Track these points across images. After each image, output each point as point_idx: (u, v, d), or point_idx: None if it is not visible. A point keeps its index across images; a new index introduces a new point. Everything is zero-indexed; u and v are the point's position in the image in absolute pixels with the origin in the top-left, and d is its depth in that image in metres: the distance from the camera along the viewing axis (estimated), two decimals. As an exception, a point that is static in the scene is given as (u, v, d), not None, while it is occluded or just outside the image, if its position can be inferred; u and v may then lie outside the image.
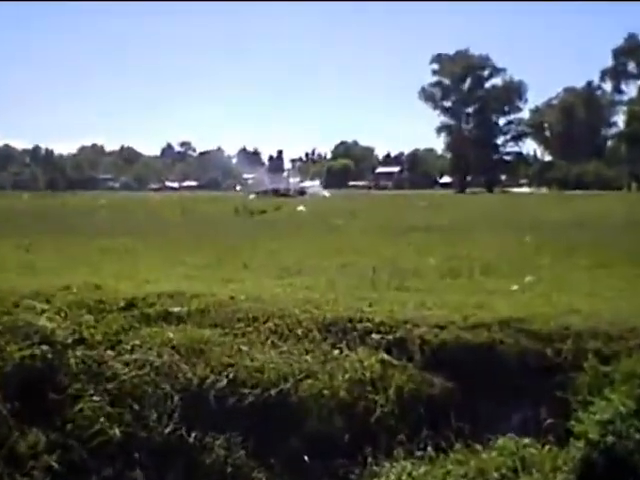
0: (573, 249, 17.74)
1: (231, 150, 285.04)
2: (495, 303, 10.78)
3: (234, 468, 8.85)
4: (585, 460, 7.79)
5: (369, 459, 8.47)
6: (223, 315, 10.57)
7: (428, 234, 23.34)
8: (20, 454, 9.04)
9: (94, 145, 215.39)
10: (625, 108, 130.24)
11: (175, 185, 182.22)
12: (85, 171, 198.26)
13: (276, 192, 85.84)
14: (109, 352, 9.92)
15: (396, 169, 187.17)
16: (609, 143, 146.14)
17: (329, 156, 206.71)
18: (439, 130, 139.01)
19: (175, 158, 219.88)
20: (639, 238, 20.17)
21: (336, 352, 9.73)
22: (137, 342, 10.05)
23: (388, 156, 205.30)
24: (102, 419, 9.18)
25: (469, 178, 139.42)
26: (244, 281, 12.91)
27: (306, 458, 8.68)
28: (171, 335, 10.08)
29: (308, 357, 9.65)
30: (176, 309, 10.72)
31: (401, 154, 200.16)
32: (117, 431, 9.10)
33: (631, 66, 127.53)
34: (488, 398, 9.10)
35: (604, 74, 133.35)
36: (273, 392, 9.22)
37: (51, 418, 9.35)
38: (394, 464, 8.31)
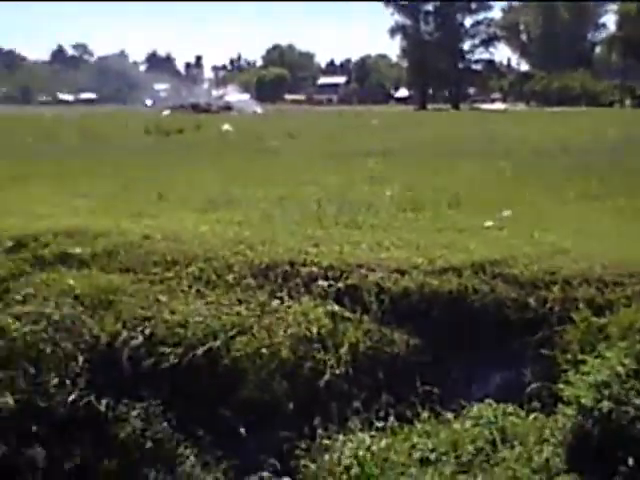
0: (557, 178, 17.94)
1: (138, 56, 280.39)
2: (466, 243, 10.87)
3: (154, 443, 8.81)
4: (576, 430, 7.82)
5: (319, 430, 8.48)
6: (135, 258, 10.50)
7: (383, 159, 23.32)
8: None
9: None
10: (616, 7, 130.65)
11: (69, 98, 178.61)
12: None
13: (195, 107, 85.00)
14: (-5, 303, 9.77)
15: (342, 80, 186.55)
16: (597, 50, 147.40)
17: (259, 63, 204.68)
18: (392, 32, 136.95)
19: (68, 65, 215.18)
20: (635, 164, 20.45)
21: (275, 303, 9.74)
22: (30, 291, 9.94)
23: (332, 64, 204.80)
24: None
25: (430, 92, 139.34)
26: (159, 216, 12.81)
27: (242, 430, 8.69)
28: (72, 282, 9.97)
29: (241, 309, 9.64)
30: (77, 250, 10.61)
31: (348, 62, 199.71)
32: (9, 400, 8.97)
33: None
34: (460, 358, 9.21)
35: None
36: (199, 351, 9.17)
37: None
38: (349, 437, 8.34)
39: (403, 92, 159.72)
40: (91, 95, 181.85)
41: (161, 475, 8.69)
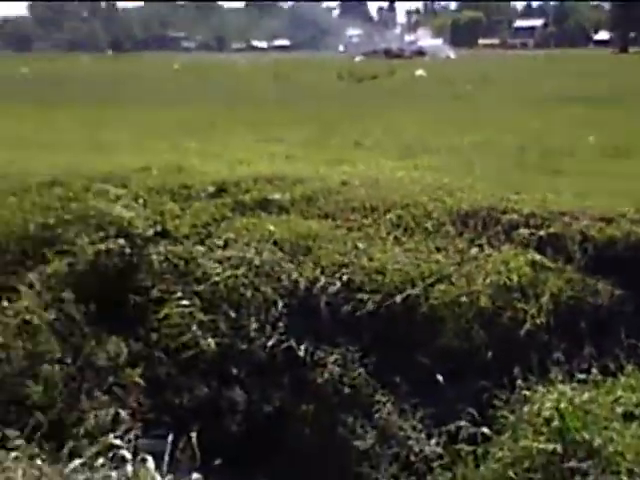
0: None
1: (331, 1, 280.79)
2: (678, 191, 10.38)
3: (352, 389, 8.89)
4: None
5: (518, 381, 8.30)
6: (334, 204, 10.55)
7: (585, 105, 22.59)
8: (98, 367, 9.29)
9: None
10: None
11: (263, 45, 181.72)
12: (154, 28, 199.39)
13: (388, 53, 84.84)
14: (198, 247, 10.04)
15: (539, 22, 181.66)
16: None
17: (453, 7, 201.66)
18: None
19: (262, 11, 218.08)
20: None
21: (475, 250, 9.58)
22: (231, 236, 10.15)
23: (529, 6, 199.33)
24: (193, 328, 9.29)
25: (632, 35, 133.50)
26: (357, 162, 12.82)
27: (439, 378, 8.65)
28: (272, 228, 10.12)
29: (440, 256, 9.54)
30: (277, 196, 10.76)
31: (545, 3, 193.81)
32: (211, 342, 9.21)
33: None
34: (671, 309, 8.84)
35: None
36: (397, 299, 9.13)
37: (133, 326, 9.56)
38: (550, 388, 8.14)
39: (603, 35, 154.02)
40: (284, 42, 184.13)
41: (358, 421, 8.76)
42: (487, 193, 10.46)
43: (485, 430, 8.00)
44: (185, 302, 9.50)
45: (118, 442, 5.67)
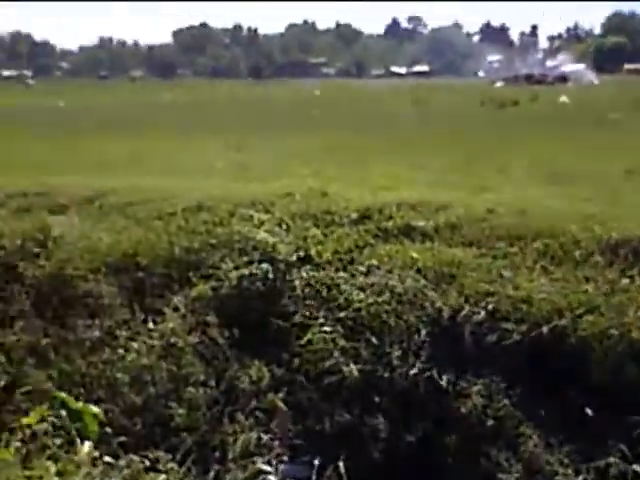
0: None
1: (471, 27, 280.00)
2: None
3: (496, 420, 8.76)
4: None
5: (673, 418, 8.11)
6: (479, 232, 10.47)
7: None
8: (241, 391, 9.40)
9: (305, 23, 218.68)
10: None
11: (402, 71, 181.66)
12: (294, 54, 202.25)
13: (529, 78, 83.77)
14: (341, 273, 10.08)
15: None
16: None
17: (597, 31, 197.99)
18: None
19: (402, 37, 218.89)
20: None
21: (625, 281, 9.33)
22: (374, 262, 10.16)
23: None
24: (335, 354, 9.33)
25: None
26: (502, 189, 12.71)
27: (588, 412, 8.44)
28: (415, 255, 10.09)
29: (589, 287, 9.33)
30: (420, 223, 10.73)
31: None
32: (353, 369, 9.21)
33: None
34: None
35: None
36: (544, 329, 8.97)
37: (275, 350, 9.65)
38: None
39: None
40: (424, 67, 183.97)
41: (502, 454, 8.61)
42: (638, 222, 10.18)
43: (636, 467, 7.78)
44: (327, 328, 9.54)
45: (267, 468, 5.69)
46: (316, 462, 7.34)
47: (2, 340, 9.94)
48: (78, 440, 4.17)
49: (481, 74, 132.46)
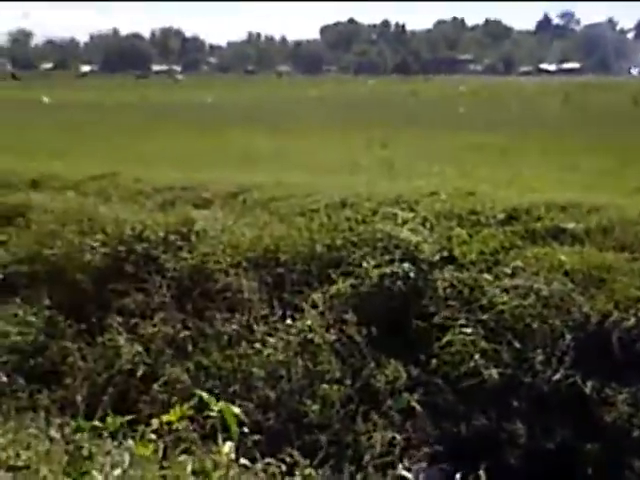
0: None
1: (627, 22, 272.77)
2: None
3: (642, 431, 8.52)
4: None
5: None
6: (632, 236, 10.14)
7: None
8: (376, 390, 9.33)
9: (454, 19, 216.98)
10: None
11: (551, 68, 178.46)
12: (441, 51, 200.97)
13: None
14: (485, 275, 9.94)
15: None
16: None
17: None
18: None
19: (553, 34, 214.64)
20: None
21: None
22: (519, 264, 9.98)
23: None
24: (475, 356, 9.20)
25: None
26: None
27: None
28: (563, 258, 9.87)
29: None
30: (570, 225, 10.49)
31: None
32: (493, 373, 9.06)
33: None
34: None
35: None
36: (699, 339, 8.67)
37: (413, 351, 9.59)
38: None
39: None
40: (574, 65, 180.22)
41: (647, 466, 8.35)
42: None
43: None
44: (468, 330, 9.42)
45: (408, 475, 5.62)
46: (458, 476, 7.19)
47: (142, 331, 10.15)
48: (220, 440, 4.19)
49: (634, 72, 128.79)
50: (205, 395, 4.07)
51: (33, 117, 32.19)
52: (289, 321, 9.90)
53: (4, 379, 9.14)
